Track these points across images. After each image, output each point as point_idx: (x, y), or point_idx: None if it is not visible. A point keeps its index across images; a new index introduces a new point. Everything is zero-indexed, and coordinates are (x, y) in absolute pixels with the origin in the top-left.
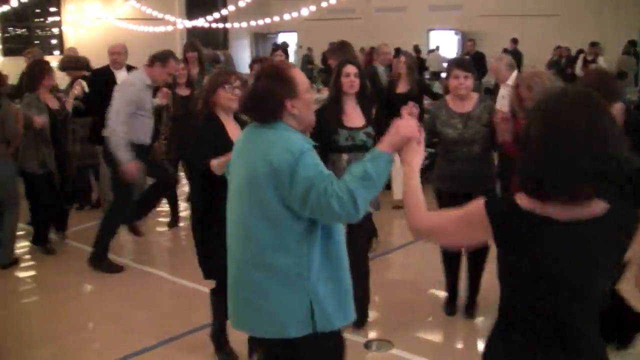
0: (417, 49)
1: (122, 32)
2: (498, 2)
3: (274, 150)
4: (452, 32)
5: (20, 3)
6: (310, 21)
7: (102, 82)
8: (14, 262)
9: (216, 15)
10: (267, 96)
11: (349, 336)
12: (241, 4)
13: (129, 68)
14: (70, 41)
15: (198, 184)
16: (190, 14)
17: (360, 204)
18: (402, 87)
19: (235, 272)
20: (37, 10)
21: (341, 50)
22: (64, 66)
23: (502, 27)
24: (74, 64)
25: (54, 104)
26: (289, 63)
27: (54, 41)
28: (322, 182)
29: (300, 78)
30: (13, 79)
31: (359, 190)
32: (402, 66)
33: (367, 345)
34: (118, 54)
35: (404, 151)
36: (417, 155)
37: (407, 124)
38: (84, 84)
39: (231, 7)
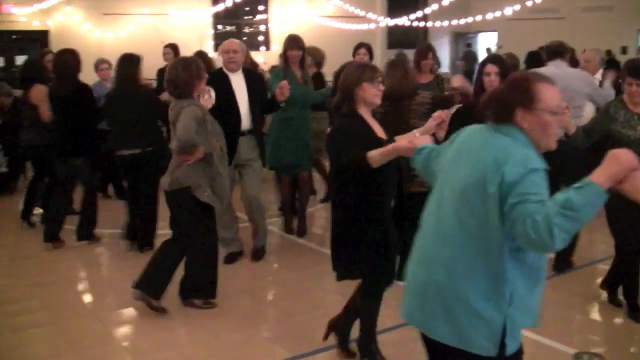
0: (624, 51)
1: (325, 30)
2: None
3: (509, 163)
4: None
5: (233, 2)
6: (511, 21)
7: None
8: None
9: (418, 14)
10: (500, 98)
11: (557, 345)
12: (444, 2)
13: (246, 70)
14: (275, 38)
15: (345, 184)
16: (392, 12)
17: (556, 234)
18: None
19: (424, 272)
20: (247, 9)
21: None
22: None
23: None
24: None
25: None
26: (542, 76)
27: (260, 38)
28: (533, 205)
29: (546, 95)
30: None
31: (556, 218)
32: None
33: (577, 357)
34: (234, 52)
35: (629, 184)
36: None
37: (626, 154)
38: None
39: (434, 6)
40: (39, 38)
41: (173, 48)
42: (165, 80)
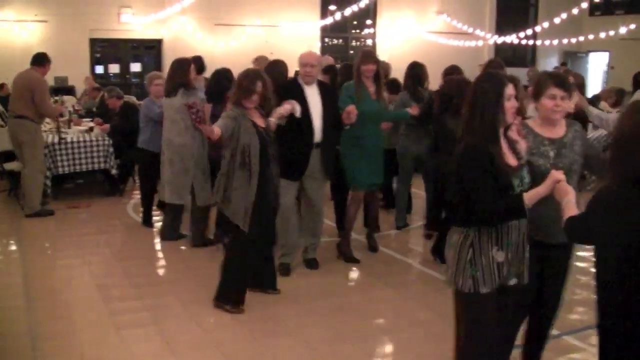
0: None
1: (432, 46)
2: None
3: None
4: None
5: (342, 16)
6: (626, 40)
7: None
8: None
9: (528, 32)
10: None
11: None
12: (556, 20)
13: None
14: (383, 53)
15: None
16: (500, 29)
17: None
18: None
19: None
20: (354, 22)
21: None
22: None
23: None
24: None
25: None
26: None
27: None
28: None
29: None
30: None
31: None
32: None
33: None
34: (312, 66)
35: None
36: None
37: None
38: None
39: (545, 24)
40: (154, 46)
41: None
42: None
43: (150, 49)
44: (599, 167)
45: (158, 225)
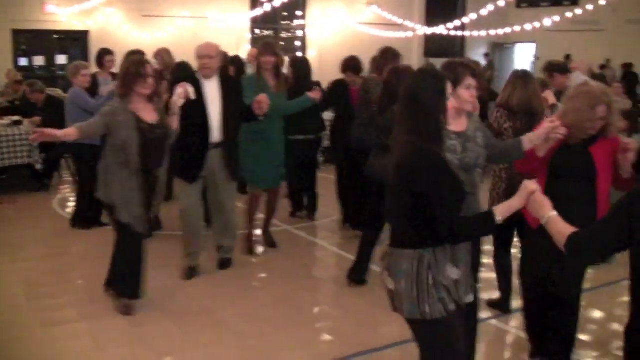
0: None
1: (363, 37)
2: None
3: None
4: None
5: (272, 7)
6: (550, 32)
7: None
8: None
9: (456, 23)
10: None
11: None
12: (482, 12)
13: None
14: (313, 44)
15: None
16: (430, 20)
17: None
18: None
19: None
20: (285, 14)
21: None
22: None
23: None
24: None
25: None
26: None
27: (297, 43)
28: None
29: None
30: None
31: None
32: None
33: None
34: (209, 57)
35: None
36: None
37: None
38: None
39: (472, 16)
40: (80, 38)
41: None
42: None
43: (76, 41)
44: (499, 156)
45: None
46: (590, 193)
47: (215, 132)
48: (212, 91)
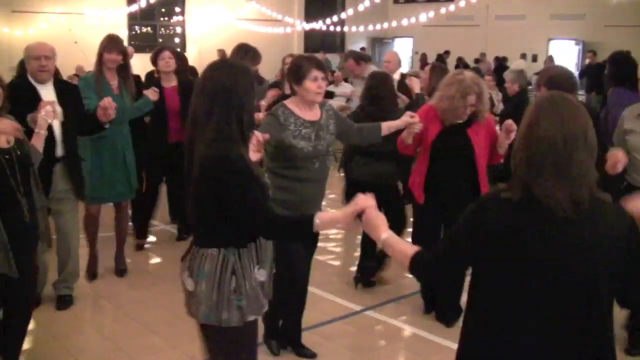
0: (534, 59)
1: (242, 33)
2: (624, 11)
3: None
4: (572, 42)
5: (148, 3)
6: (427, 27)
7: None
8: None
9: (334, 18)
10: None
11: None
12: (360, 7)
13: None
14: (192, 40)
15: None
16: (309, 16)
17: None
18: None
19: None
20: (163, 10)
21: None
22: None
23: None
24: None
25: None
26: None
27: (176, 40)
28: None
29: None
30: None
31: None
32: None
33: None
34: (46, 58)
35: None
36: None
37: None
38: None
39: (350, 11)
40: None
41: None
42: None
43: None
44: (356, 135)
45: None
46: (471, 169)
47: (59, 144)
48: (49, 98)
